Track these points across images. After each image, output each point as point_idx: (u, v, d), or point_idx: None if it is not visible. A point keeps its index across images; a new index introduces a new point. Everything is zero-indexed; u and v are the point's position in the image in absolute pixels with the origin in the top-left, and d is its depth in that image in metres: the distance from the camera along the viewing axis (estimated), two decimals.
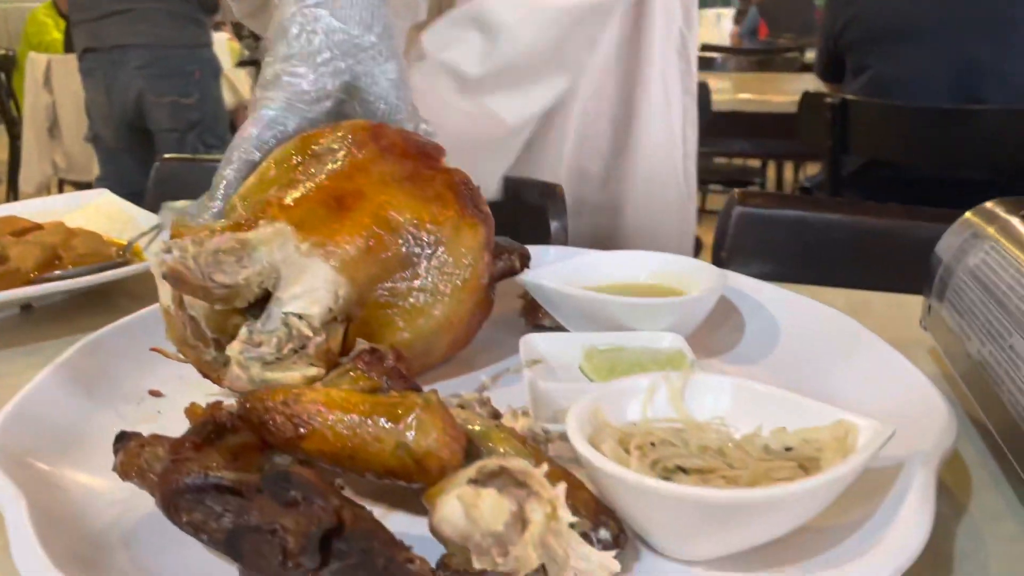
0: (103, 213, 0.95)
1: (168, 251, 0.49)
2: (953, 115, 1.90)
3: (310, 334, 0.51)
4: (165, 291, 0.56)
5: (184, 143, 2.85)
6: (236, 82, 4.28)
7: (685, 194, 1.09)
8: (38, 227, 0.87)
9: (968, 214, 0.64)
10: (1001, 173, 1.93)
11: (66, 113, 4.17)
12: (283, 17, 0.63)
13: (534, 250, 0.77)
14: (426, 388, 0.48)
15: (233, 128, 4.18)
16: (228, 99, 4.25)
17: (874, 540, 0.36)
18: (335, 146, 0.59)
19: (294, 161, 0.59)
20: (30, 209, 0.95)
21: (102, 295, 0.80)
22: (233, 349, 0.51)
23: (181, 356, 0.57)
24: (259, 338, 0.50)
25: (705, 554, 0.39)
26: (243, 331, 0.51)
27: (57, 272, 0.78)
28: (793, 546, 0.39)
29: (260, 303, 0.53)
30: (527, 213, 0.96)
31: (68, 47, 4.19)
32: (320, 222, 0.54)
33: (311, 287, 0.51)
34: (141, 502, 0.42)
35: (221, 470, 0.40)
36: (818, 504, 0.38)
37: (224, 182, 0.61)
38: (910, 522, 0.37)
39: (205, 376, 0.56)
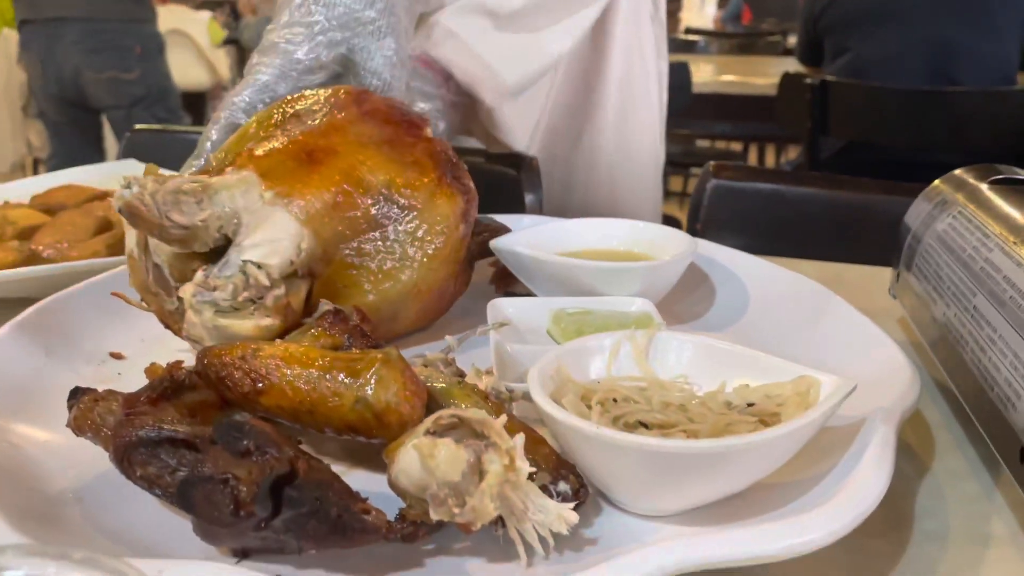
0: None
1: (128, 187, 0.48)
2: (932, 97, 1.91)
3: (267, 283, 0.50)
4: (131, 235, 0.55)
5: (132, 119, 2.75)
6: (216, 62, 4.23)
7: (660, 158, 1.10)
8: (106, 195, 0.86)
9: (937, 182, 0.65)
10: (979, 155, 1.94)
11: None
12: None
13: (508, 218, 0.76)
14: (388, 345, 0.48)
15: (199, 106, 4.14)
16: (206, 79, 4.20)
17: (833, 492, 0.36)
18: (316, 107, 0.59)
19: (274, 120, 0.58)
20: (63, 179, 0.94)
21: None
22: (186, 291, 0.50)
23: (144, 305, 0.56)
24: (214, 282, 0.49)
25: (666, 508, 0.39)
26: (199, 274, 0.50)
27: None
28: (754, 501, 0.39)
29: (224, 253, 0.52)
30: (501, 184, 0.96)
31: None
32: (288, 173, 0.53)
33: (272, 236, 0.51)
34: (95, 458, 0.42)
35: (176, 424, 0.39)
36: (777, 457, 0.38)
37: (208, 142, 0.61)
38: (868, 473, 0.37)
39: (166, 326, 0.55)
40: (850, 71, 2.11)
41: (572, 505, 0.36)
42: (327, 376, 0.40)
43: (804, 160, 2.22)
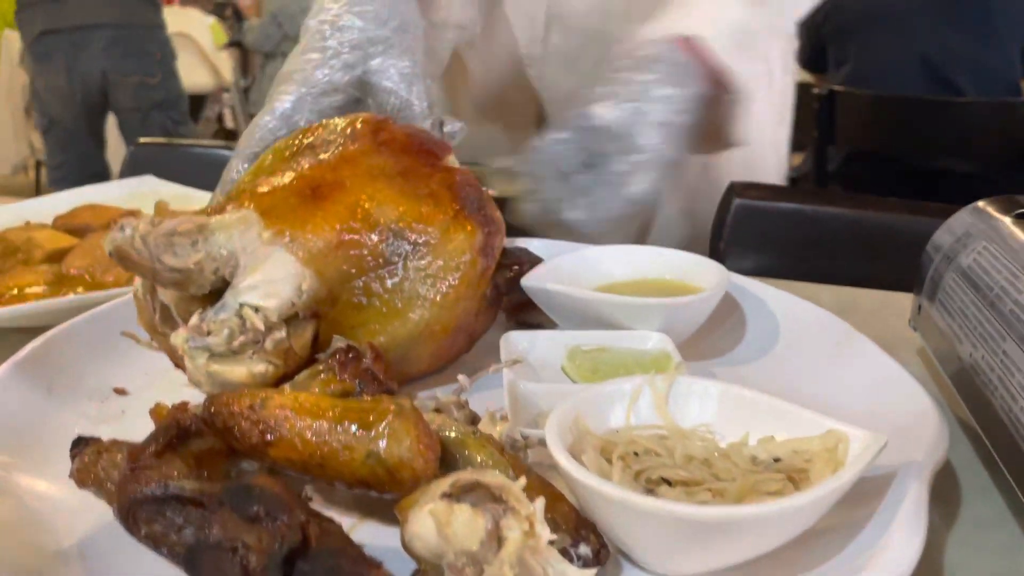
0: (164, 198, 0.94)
1: (121, 229, 0.47)
2: (940, 107, 1.89)
3: (262, 327, 0.48)
4: (139, 278, 0.54)
5: (148, 122, 2.81)
6: (218, 64, 4.22)
7: (781, 166, 1.07)
8: (131, 214, 0.85)
9: (960, 213, 0.63)
10: (987, 165, 1.93)
11: None
12: (310, 18, 0.66)
13: (518, 242, 0.75)
14: (402, 387, 0.47)
15: (198, 109, 4.13)
16: (209, 82, 4.19)
17: (864, 557, 0.35)
18: (331, 137, 0.57)
19: (288, 152, 0.57)
20: (80, 199, 0.93)
21: None
22: (178, 337, 0.48)
23: (154, 345, 0.55)
24: (208, 326, 0.48)
25: (689, 570, 0.38)
26: (193, 318, 0.48)
27: None
28: (780, 561, 0.38)
29: None
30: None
31: None
32: (290, 211, 0.52)
33: (270, 278, 0.49)
34: (99, 511, 0.40)
35: (183, 479, 0.38)
36: (807, 519, 0.36)
37: (232, 173, 0.61)
38: (902, 539, 0.35)
39: (177, 366, 0.54)
40: (853, 79, 2.10)
41: (593, 571, 0.35)
42: (338, 428, 0.39)
43: (810, 169, 2.20)
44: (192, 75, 4.11)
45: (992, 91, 1.99)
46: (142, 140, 1.32)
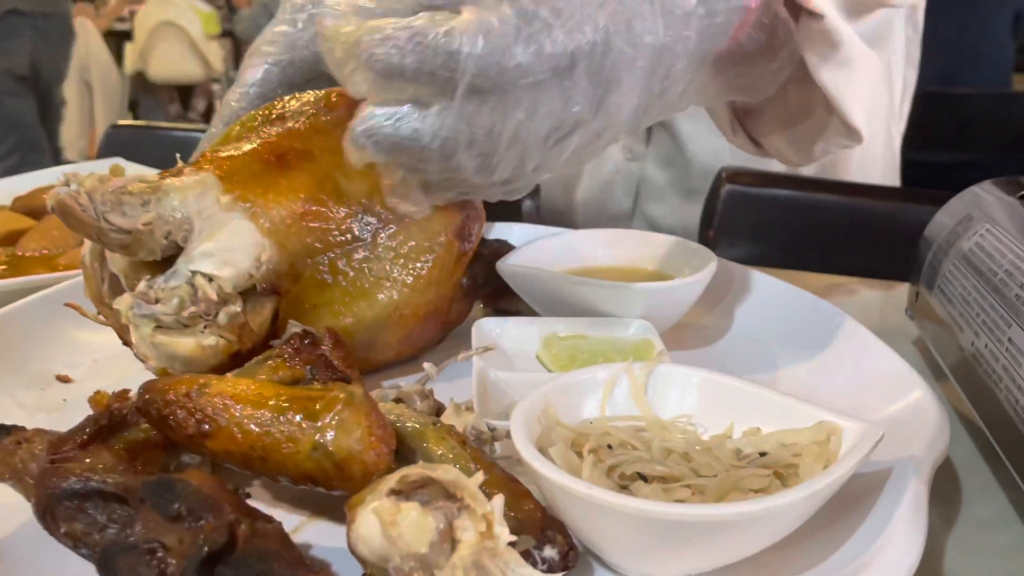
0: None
1: (66, 184, 0.43)
2: (937, 98, 1.86)
3: (215, 298, 0.44)
4: (86, 242, 0.50)
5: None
6: (208, 54, 4.16)
7: (893, 165, 1.03)
8: None
9: (959, 196, 0.60)
10: (984, 156, 1.91)
11: None
12: None
13: (497, 228, 0.71)
14: (366, 377, 0.43)
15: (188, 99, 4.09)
16: (198, 72, 4.14)
17: (858, 561, 0.32)
18: (303, 109, 0.54)
19: (255, 123, 0.53)
20: (43, 179, 0.90)
21: None
22: (123, 303, 0.44)
23: (101, 318, 0.51)
24: (157, 294, 0.44)
25: (667, 574, 0.34)
26: (141, 284, 0.45)
27: None
28: (765, 565, 0.35)
29: None
30: None
31: None
32: (252, 177, 0.48)
33: (227, 246, 0.45)
34: (19, 508, 0.37)
35: (108, 473, 0.34)
36: (794, 520, 0.33)
37: (206, 143, 0.58)
38: (900, 541, 0.32)
39: (125, 343, 0.50)
40: None
41: (559, 575, 0.31)
42: (281, 418, 0.36)
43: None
44: (180, 65, 4.06)
45: (984, 79, 1.97)
46: (119, 123, 1.28)
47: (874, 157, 1.00)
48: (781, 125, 0.59)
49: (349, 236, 0.50)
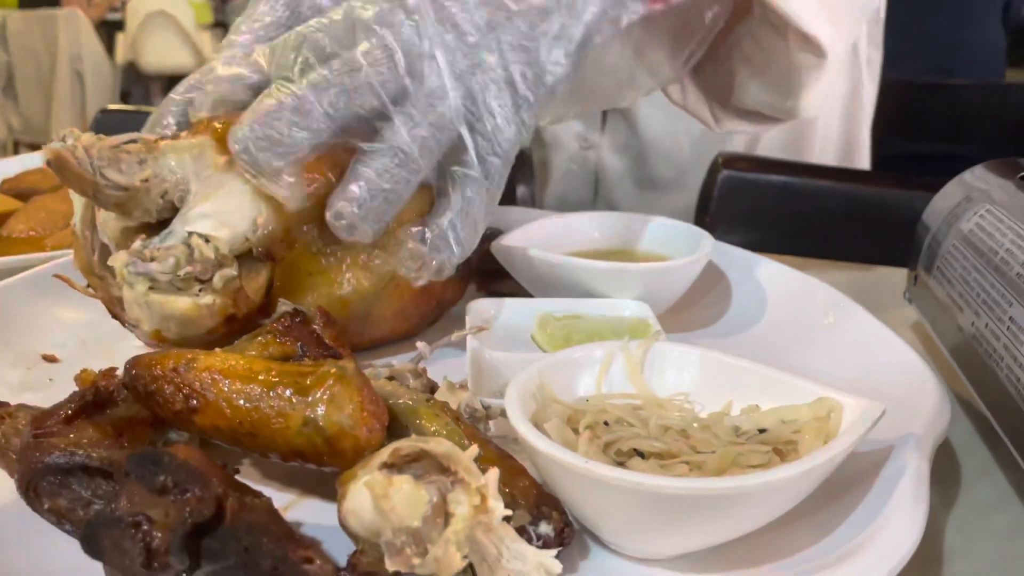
0: None
1: (63, 139, 0.42)
2: (931, 90, 1.86)
3: (212, 257, 0.43)
4: (77, 209, 0.49)
5: None
6: (200, 45, 4.14)
7: (859, 148, 1.03)
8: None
9: (957, 178, 0.59)
10: (979, 149, 1.91)
11: (23, 72, 4.01)
12: None
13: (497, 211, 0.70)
14: (359, 355, 0.42)
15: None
16: (189, 62, 4.11)
17: (858, 539, 0.31)
18: None
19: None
20: (32, 163, 0.89)
21: None
22: (118, 259, 0.43)
23: (90, 291, 0.50)
24: (153, 253, 0.43)
25: (663, 552, 0.34)
26: (136, 243, 0.44)
27: None
28: (764, 542, 0.34)
29: None
30: None
31: (24, 2, 4.02)
32: None
33: (224, 208, 0.44)
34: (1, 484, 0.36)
35: (93, 448, 0.34)
36: (794, 496, 0.32)
37: (164, 120, 0.55)
38: (901, 519, 0.31)
39: (114, 316, 0.49)
40: None
41: (555, 552, 0.31)
42: (271, 393, 0.35)
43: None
44: (170, 55, 4.03)
45: (978, 72, 1.97)
46: (109, 107, 1.27)
47: (831, 139, 0.99)
48: (754, 76, 0.62)
49: None
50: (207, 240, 0.43)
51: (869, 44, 0.98)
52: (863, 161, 1.05)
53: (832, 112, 1.00)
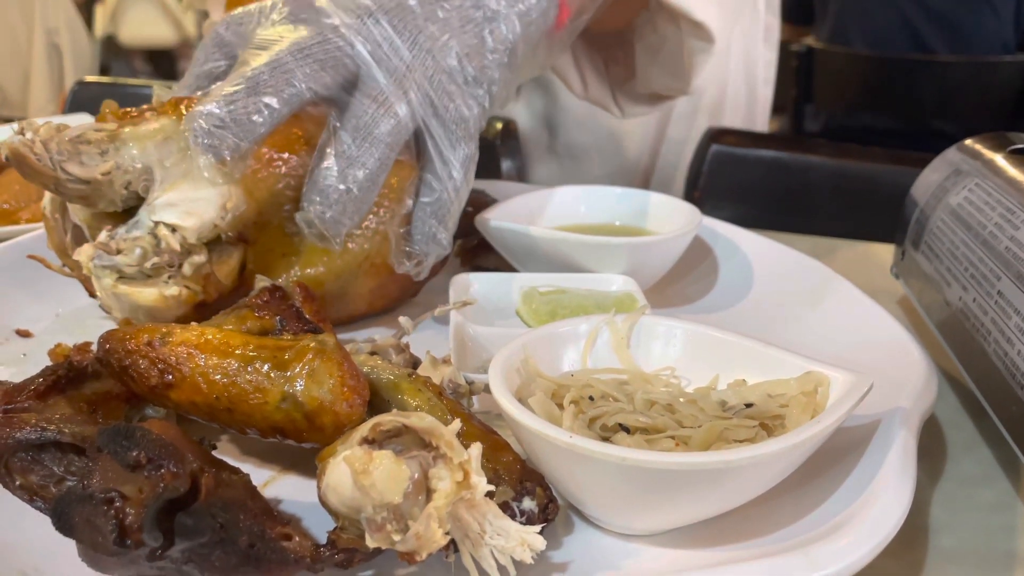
0: None
1: (21, 132, 0.41)
2: (920, 66, 1.85)
3: (178, 248, 0.42)
4: (48, 194, 0.48)
5: None
6: (180, 17, 4.07)
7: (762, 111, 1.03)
8: None
9: (945, 153, 0.59)
10: (967, 125, 1.90)
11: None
12: None
13: (483, 185, 0.69)
14: (339, 331, 0.41)
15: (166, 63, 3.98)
16: (171, 35, 4.05)
17: (845, 513, 0.31)
18: None
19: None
20: (6, 134, 0.86)
21: None
22: (83, 253, 0.43)
23: (67, 270, 0.49)
24: (119, 245, 0.42)
25: (648, 527, 0.33)
26: (102, 234, 0.43)
27: None
28: (748, 517, 0.34)
29: None
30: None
31: None
32: None
33: (191, 195, 0.43)
34: None
35: (66, 423, 0.33)
36: (781, 471, 0.32)
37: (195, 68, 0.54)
38: (888, 493, 0.31)
39: (91, 294, 0.49)
40: (835, 34, 2.04)
41: (538, 528, 0.30)
42: (248, 368, 0.34)
43: (788, 128, 2.16)
44: (150, 28, 3.96)
45: (971, 52, 1.96)
46: (86, 79, 1.24)
47: (733, 95, 1.00)
48: (653, 62, 0.69)
49: None
50: (173, 230, 0.43)
51: (767, 12, 0.99)
52: (763, 120, 1.06)
53: (738, 76, 1.01)
